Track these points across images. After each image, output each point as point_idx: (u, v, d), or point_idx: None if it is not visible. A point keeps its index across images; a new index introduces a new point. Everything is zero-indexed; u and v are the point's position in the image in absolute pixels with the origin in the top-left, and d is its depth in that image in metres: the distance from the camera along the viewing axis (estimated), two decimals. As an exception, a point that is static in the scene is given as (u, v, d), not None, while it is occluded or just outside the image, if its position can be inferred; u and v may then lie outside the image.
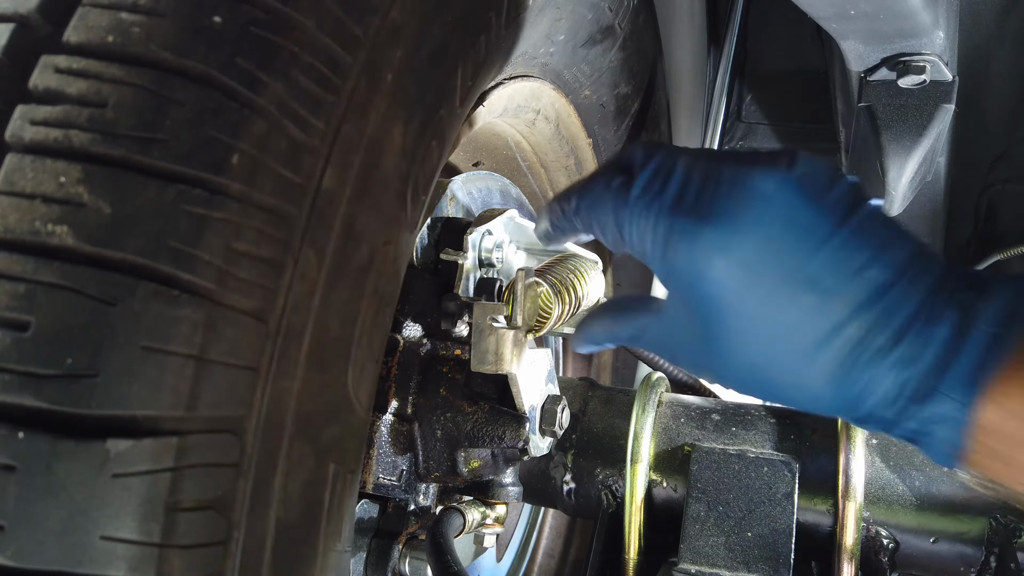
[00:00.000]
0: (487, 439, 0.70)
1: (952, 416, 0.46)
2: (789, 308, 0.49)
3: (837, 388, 0.49)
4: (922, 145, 0.99)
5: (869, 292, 0.47)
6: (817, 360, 0.48)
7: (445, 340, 0.73)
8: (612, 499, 0.84)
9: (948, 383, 0.46)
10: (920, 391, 0.47)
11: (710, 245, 0.49)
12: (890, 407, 0.48)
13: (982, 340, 0.45)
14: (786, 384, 0.51)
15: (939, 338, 0.46)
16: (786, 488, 0.74)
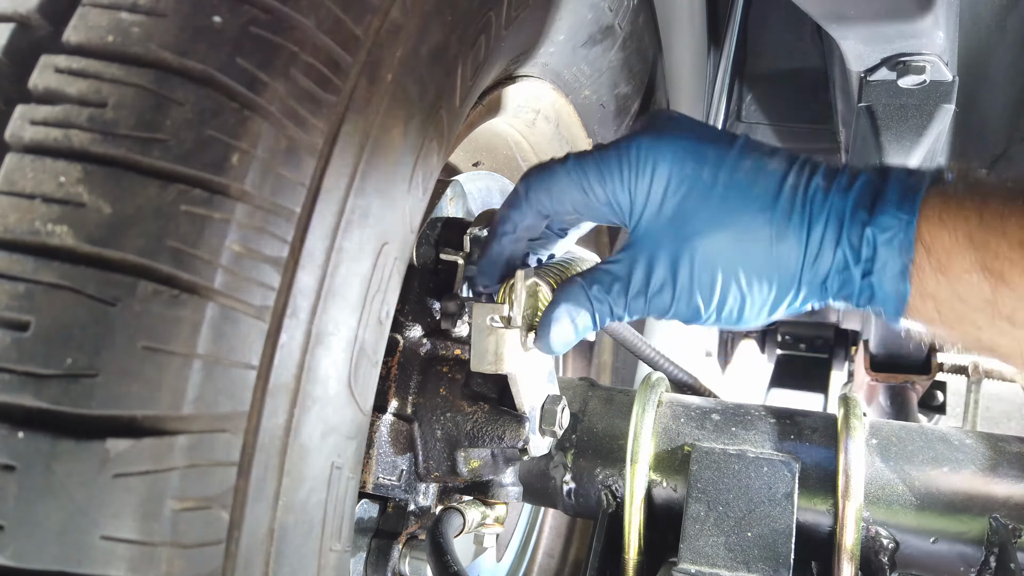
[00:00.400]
0: (487, 439, 0.70)
1: (898, 227, 0.54)
2: (737, 172, 0.59)
3: (800, 232, 0.57)
4: (922, 145, 0.99)
5: (787, 158, 0.59)
6: (777, 209, 0.58)
7: (445, 340, 0.73)
8: (612, 499, 0.84)
9: (887, 202, 0.55)
10: (864, 212, 0.55)
11: (653, 141, 0.61)
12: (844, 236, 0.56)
13: (902, 175, 0.56)
14: (758, 255, 0.59)
15: (864, 176, 0.57)
16: (786, 488, 0.74)
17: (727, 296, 0.60)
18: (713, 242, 0.59)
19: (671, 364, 0.97)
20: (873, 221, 0.55)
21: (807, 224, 0.57)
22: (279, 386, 0.44)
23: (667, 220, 0.60)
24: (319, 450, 0.48)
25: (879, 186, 0.56)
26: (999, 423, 3.46)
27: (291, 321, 0.44)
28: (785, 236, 0.58)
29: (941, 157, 1.09)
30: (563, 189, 0.64)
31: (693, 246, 0.59)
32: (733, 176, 0.59)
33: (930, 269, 0.54)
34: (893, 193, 0.55)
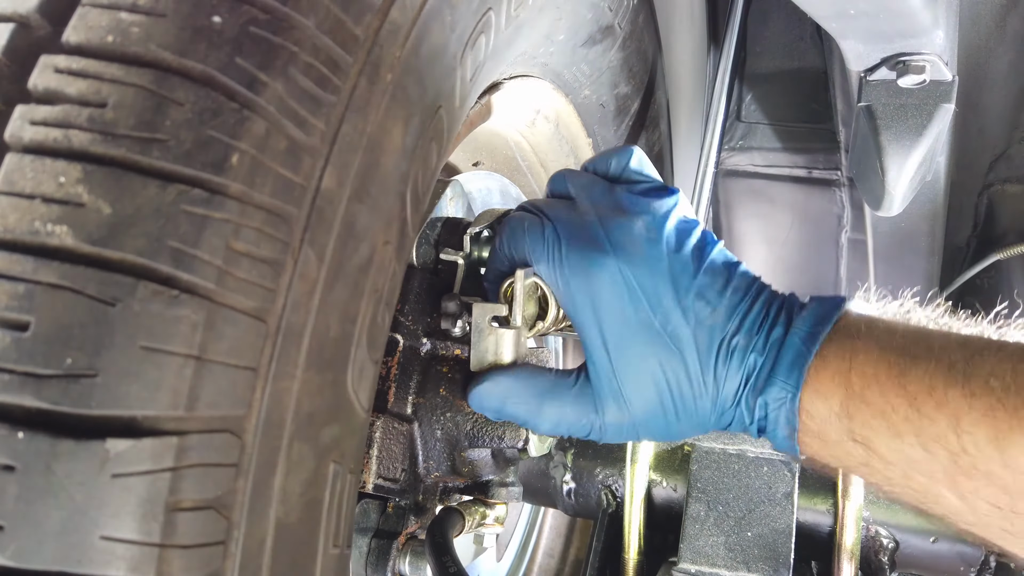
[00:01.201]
0: (487, 439, 0.70)
1: (785, 398, 0.57)
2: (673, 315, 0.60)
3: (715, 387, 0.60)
4: (922, 145, 0.99)
5: (734, 303, 0.61)
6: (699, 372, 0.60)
7: (445, 340, 0.73)
8: (612, 499, 0.84)
9: (777, 373, 0.58)
10: (762, 377, 0.59)
11: (614, 270, 0.61)
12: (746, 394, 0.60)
13: (803, 333, 0.58)
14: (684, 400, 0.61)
15: (776, 334, 0.59)
16: (786, 488, 0.74)
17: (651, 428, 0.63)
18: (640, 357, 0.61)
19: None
20: (765, 391, 0.58)
21: (720, 385, 0.60)
22: (279, 386, 0.44)
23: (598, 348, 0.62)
24: (319, 450, 0.48)
25: (779, 349, 0.59)
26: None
27: (290, 321, 0.44)
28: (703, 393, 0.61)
29: (941, 157, 1.09)
30: (523, 253, 0.66)
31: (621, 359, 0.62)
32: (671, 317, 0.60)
33: (812, 435, 0.58)
34: (785, 361, 0.58)
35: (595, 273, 0.61)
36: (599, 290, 0.61)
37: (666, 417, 0.62)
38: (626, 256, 0.61)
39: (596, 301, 0.61)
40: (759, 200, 1.69)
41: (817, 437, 0.57)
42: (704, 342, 0.60)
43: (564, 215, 0.64)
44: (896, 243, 1.32)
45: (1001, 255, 1.45)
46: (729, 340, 0.60)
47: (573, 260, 0.62)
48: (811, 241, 1.75)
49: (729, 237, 1.79)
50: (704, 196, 1.25)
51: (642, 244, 0.62)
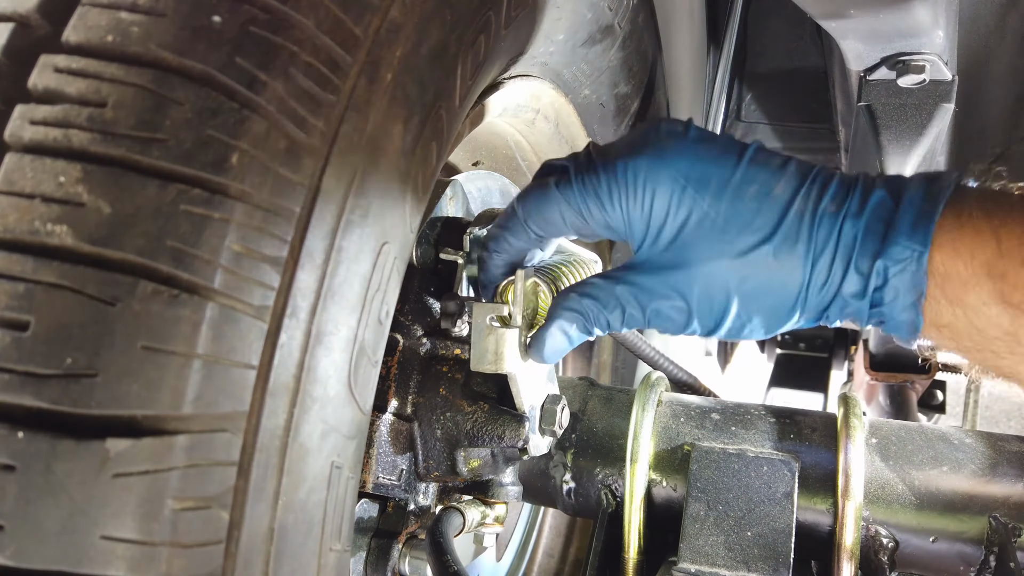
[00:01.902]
0: (487, 438, 0.70)
1: (910, 259, 0.52)
2: (739, 201, 0.56)
3: (803, 260, 0.55)
4: (921, 144, 0.99)
5: (797, 177, 0.56)
6: (780, 237, 0.55)
7: (445, 340, 0.73)
8: (612, 498, 0.84)
9: (899, 228, 0.52)
10: (874, 242, 0.53)
11: (651, 166, 0.58)
12: (853, 265, 0.54)
13: (917, 197, 0.53)
14: (759, 280, 0.57)
15: (876, 198, 0.54)
16: (786, 487, 0.74)
17: (724, 319, 0.59)
18: (712, 272, 0.57)
19: (671, 364, 0.97)
20: (884, 252, 0.53)
21: (811, 254, 0.55)
22: (279, 386, 0.44)
23: (665, 246, 0.59)
24: (319, 450, 0.48)
25: (891, 211, 0.54)
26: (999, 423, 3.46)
27: (291, 321, 0.44)
28: (788, 267, 0.56)
29: (941, 157, 1.09)
30: (559, 214, 0.62)
31: (692, 275, 0.58)
32: (735, 206, 0.56)
33: (945, 300, 0.52)
34: (906, 220, 0.53)
35: (629, 178, 0.58)
36: (637, 194, 0.58)
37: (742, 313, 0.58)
38: (658, 151, 0.57)
39: (634, 205, 0.58)
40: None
41: (951, 303, 0.51)
42: (773, 215, 0.55)
43: (581, 157, 0.62)
44: (896, 243, 1.32)
45: (1001, 255, 1.45)
46: (813, 208, 0.55)
47: (606, 174, 0.59)
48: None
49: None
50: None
51: (671, 138, 0.58)
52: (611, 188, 0.59)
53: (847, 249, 0.54)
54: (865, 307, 0.55)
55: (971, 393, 1.84)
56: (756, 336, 0.60)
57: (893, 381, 1.77)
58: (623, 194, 0.59)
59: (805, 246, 0.55)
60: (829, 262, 0.55)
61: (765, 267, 0.56)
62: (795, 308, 0.57)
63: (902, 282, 0.53)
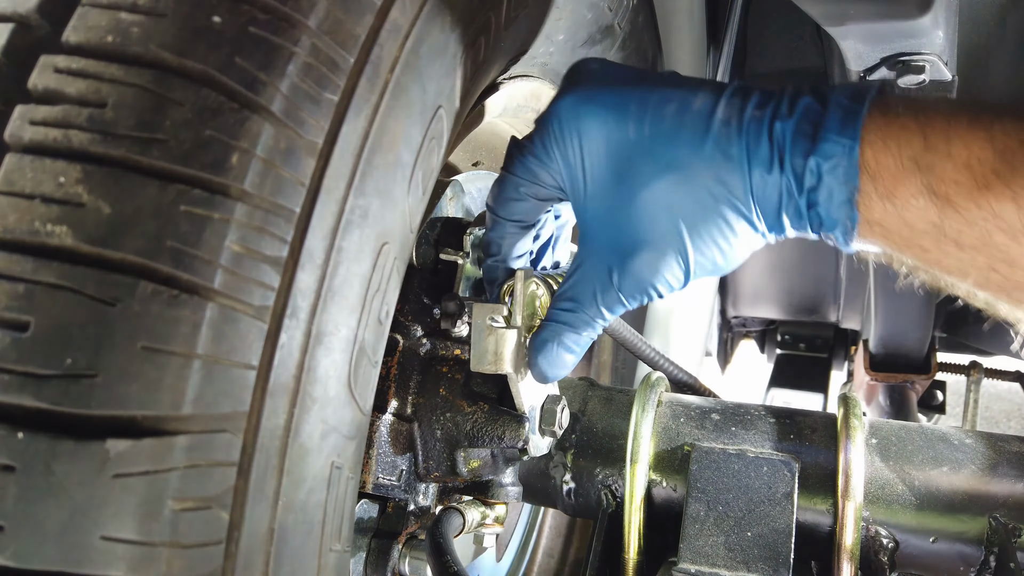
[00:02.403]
0: (487, 439, 0.70)
1: (841, 154, 0.52)
2: (661, 119, 0.57)
3: (741, 165, 0.55)
4: (922, 145, 0.99)
5: (715, 91, 0.57)
6: (711, 145, 0.56)
7: (445, 340, 0.73)
8: (612, 499, 0.84)
9: (829, 126, 0.53)
10: (805, 140, 0.53)
11: (572, 106, 0.59)
12: (787, 162, 0.54)
13: (843, 98, 0.54)
14: (703, 194, 0.57)
15: (803, 101, 0.55)
16: (786, 488, 0.74)
17: (697, 246, 0.58)
18: (657, 199, 0.57)
19: (671, 364, 0.97)
20: (816, 149, 0.53)
21: (746, 158, 0.55)
22: (279, 386, 0.44)
23: (608, 188, 0.59)
24: (319, 450, 0.48)
25: (819, 112, 0.54)
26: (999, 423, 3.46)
27: (291, 321, 0.44)
28: (727, 174, 0.56)
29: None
30: (515, 190, 0.64)
31: (638, 210, 0.58)
32: (658, 126, 0.57)
33: (876, 196, 0.53)
34: (834, 117, 0.53)
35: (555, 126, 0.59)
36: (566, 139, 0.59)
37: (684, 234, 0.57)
38: (576, 91, 0.59)
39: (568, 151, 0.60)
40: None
41: (882, 198, 0.52)
42: (698, 126, 0.56)
43: None
44: (896, 243, 1.32)
45: (1001, 255, 1.45)
46: (739, 115, 0.55)
47: (538, 133, 0.61)
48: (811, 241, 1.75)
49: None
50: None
51: (586, 77, 0.60)
52: (544, 143, 0.60)
53: (779, 149, 0.54)
54: (803, 207, 0.55)
55: (971, 393, 1.84)
56: (737, 258, 0.60)
57: (893, 381, 1.77)
58: (555, 144, 0.60)
59: (738, 150, 0.55)
60: (766, 163, 0.55)
61: (704, 180, 0.56)
62: (748, 215, 0.57)
63: (835, 178, 0.53)
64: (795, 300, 1.94)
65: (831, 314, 1.96)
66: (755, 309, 2.02)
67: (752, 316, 2.13)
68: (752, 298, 1.96)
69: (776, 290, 1.91)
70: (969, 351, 1.92)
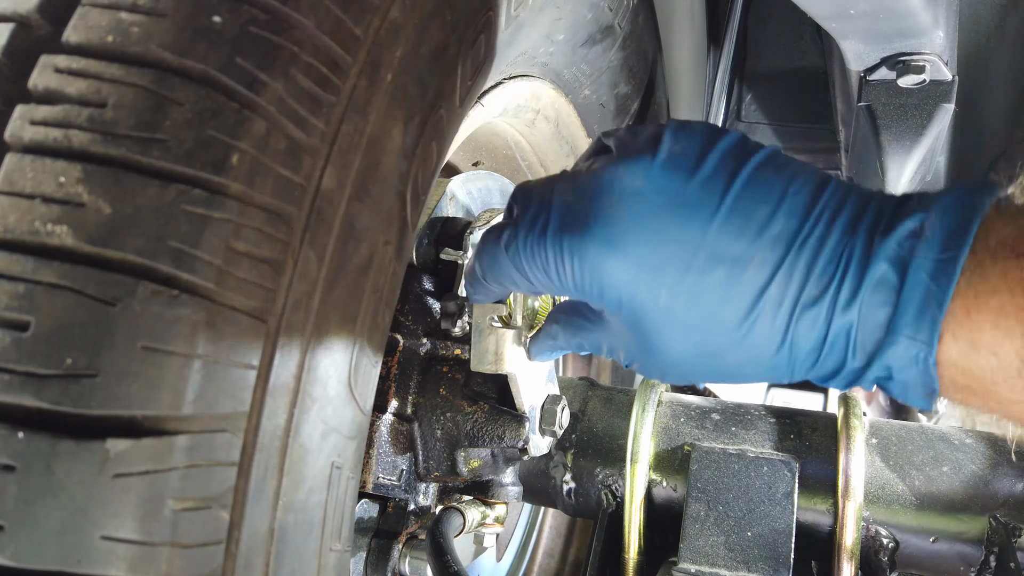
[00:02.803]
0: (487, 439, 0.70)
1: (916, 358, 0.43)
2: (702, 290, 0.47)
3: (786, 352, 0.46)
4: (922, 144, 0.99)
5: (778, 246, 0.45)
6: (752, 331, 0.46)
7: (445, 340, 0.73)
8: (612, 499, 0.84)
9: (902, 320, 0.43)
10: (873, 333, 0.44)
11: (598, 253, 0.49)
12: (850, 356, 0.45)
13: (929, 265, 0.42)
14: (733, 364, 0.49)
15: (878, 272, 0.43)
16: (786, 488, 0.74)
17: (697, 382, 0.54)
18: (676, 361, 0.51)
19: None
20: (882, 351, 0.44)
21: (789, 349, 0.46)
22: (279, 386, 0.44)
23: (625, 326, 0.52)
24: (319, 450, 0.48)
25: (894, 291, 0.43)
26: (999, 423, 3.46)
27: (291, 321, 0.44)
28: (760, 359, 0.48)
29: (941, 157, 1.09)
30: (511, 276, 0.56)
31: (659, 361, 0.52)
32: (696, 301, 0.47)
33: (968, 392, 0.44)
34: (910, 306, 0.42)
35: (576, 265, 0.50)
36: (585, 282, 0.50)
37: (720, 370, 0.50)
38: (608, 232, 0.48)
39: (585, 290, 0.51)
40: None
41: (976, 394, 0.43)
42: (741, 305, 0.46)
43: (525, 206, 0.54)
44: (896, 243, 1.31)
45: (1001, 255, 1.45)
46: (795, 295, 0.45)
47: (552, 251, 0.51)
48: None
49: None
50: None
51: (625, 208, 0.47)
52: (558, 268, 0.52)
53: (838, 346, 0.45)
54: (869, 387, 0.47)
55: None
56: None
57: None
58: (571, 277, 0.51)
59: (779, 340, 0.46)
60: (813, 358, 0.46)
61: (733, 359, 0.49)
62: (778, 380, 0.49)
63: (910, 378, 0.44)
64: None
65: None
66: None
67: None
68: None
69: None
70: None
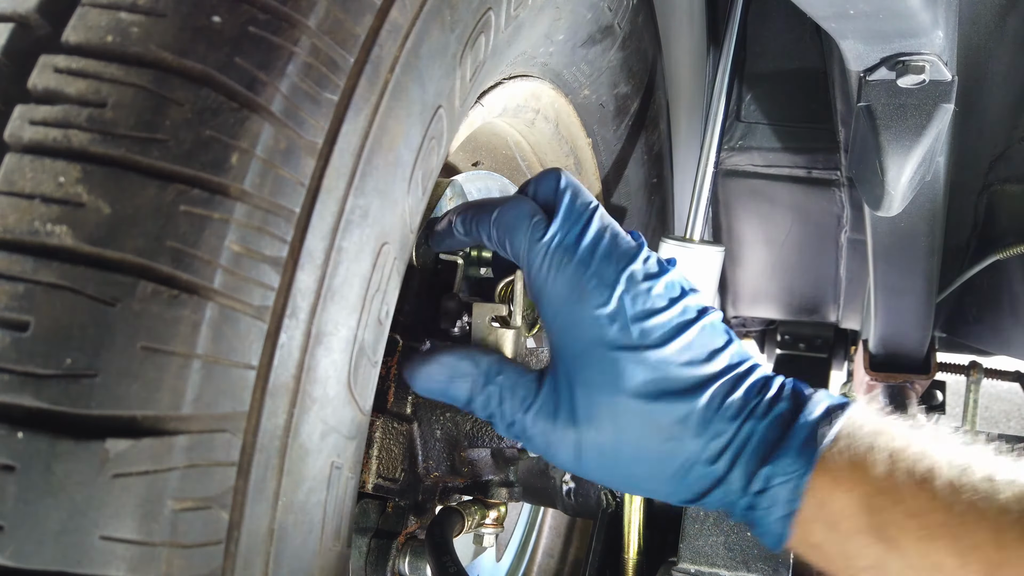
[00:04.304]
0: (487, 439, 0.70)
1: (792, 476, 0.54)
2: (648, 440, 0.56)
3: (699, 442, 0.56)
4: (921, 145, 0.99)
5: (725, 365, 0.58)
6: (679, 422, 0.56)
7: (445, 340, 0.73)
8: (611, 499, 0.84)
9: (789, 446, 0.54)
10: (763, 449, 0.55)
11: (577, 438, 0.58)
12: (741, 461, 0.55)
13: (816, 416, 0.55)
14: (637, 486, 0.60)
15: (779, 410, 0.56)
16: (786, 488, 0.74)
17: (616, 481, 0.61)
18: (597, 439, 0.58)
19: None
20: (772, 461, 0.54)
21: (707, 438, 0.56)
22: (279, 386, 0.44)
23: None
24: (319, 450, 0.48)
25: (788, 423, 0.55)
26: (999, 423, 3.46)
27: (291, 321, 0.44)
28: (680, 442, 0.56)
29: (940, 157, 1.09)
30: (517, 262, 0.63)
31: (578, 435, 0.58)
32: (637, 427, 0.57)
33: (819, 523, 0.54)
34: (798, 436, 0.55)
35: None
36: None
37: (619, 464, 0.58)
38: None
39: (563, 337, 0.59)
40: (759, 200, 1.69)
41: (825, 526, 0.54)
42: (678, 386, 0.56)
43: None
44: (896, 243, 1.32)
45: (1001, 255, 1.45)
46: (723, 397, 0.56)
47: None
48: (811, 241, 1.75)
49: (729, 237, 1.79)
50: (704, 196, 1.25)
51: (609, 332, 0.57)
52: (554, 298, 0.60)
53: (737, 447, 0.56)
54: (743, 504, 0.56)
55: (971, 393, 1.84)
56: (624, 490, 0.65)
57: (893, 381, 1.77)
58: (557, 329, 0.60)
59: (699, 432, 0.56)
60: (719, 448, 0.56)
61: (662, 459, 0.57)
62: (673, 480, 0.57)
63: (781, 494, 0.54)
64: (795, 300, 1.94)
65: (831, 314, 1.97)
66: (755, 309, 2.02)
67: (752, 316, 2.13)
68: (752, 298, 1.96)
69: (776, 290, 1.91)
70: (969, 351, 1.92)
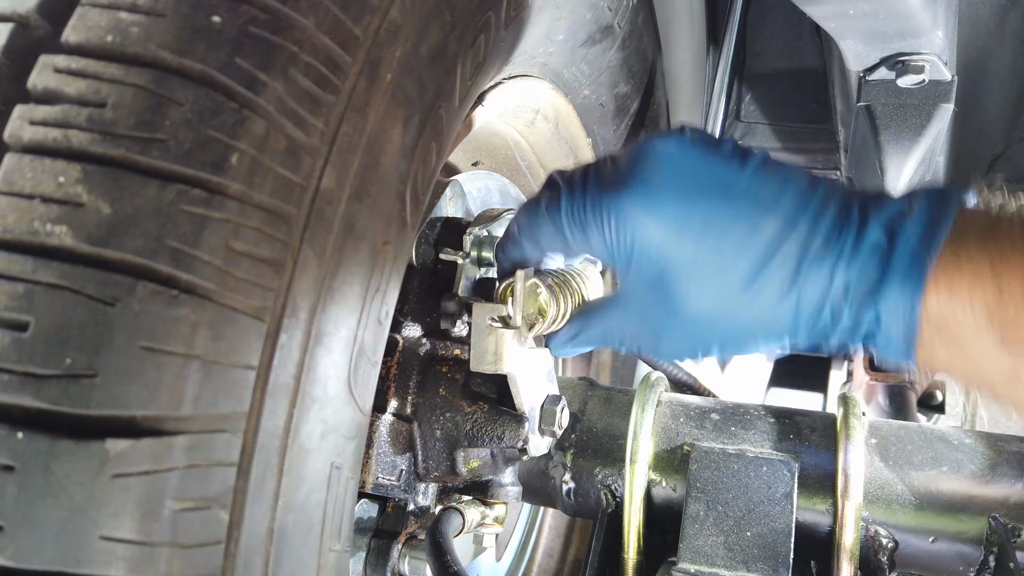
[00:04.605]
0: (486, 439, 0.70)
1: (902, 309, 0.50)
2: (723, 245, 0.54)
3: (792, 307, 0.53)
4: (921, 144, 0.99)
5: (788, 213, 0.53)
6: (764, 282, 0.54)
7: (444, 340, 0.73)
8: (611, 499, 0.84)
9: (893, 274, 0.50)
10: (867, 285, 0.51)
11: (634, 208, 0.56)
12: (847, 311, 0.52)
13: (915, 234, 0.50)
14: (742, 326, 0.57)
15: (872, 238, 0.51)
16: (785, 488, 0.74)
17: (723, 355, 0.60)
18: (696, 321, 0.58)
19: (670, 364, 0.97)
20: (876, 301, 0.51)
21: (796, 301, 0.54)
22: (278, 386, 0.44)
23: (648, 284, 0.59)
24: (318, 450, 0.48)
25: (886, 253, 0.51)
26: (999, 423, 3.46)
27: (290, 321, 0.44)
28: (771, 311, 0.54)
29: (940, 157, 1.10)
30: (548, 235, 0.63)
31: (677, 320, 0.58)
32: (717, 250, 0.55)
33: (941, 343, 0.50)
34: (899, 265, 0.50)
35: (612, 218, 0.57)
36: (619, 235, 0.57)
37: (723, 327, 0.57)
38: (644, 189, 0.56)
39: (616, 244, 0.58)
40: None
41: (948, 346, 0.50)
42: (755, 258, 0.53)
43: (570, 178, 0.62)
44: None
45: (1000, 255, 1.45)
46: (801, 251, 0.52)
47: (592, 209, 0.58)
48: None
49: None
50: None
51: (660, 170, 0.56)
52: (595, 223, 0.59)
53: (837, 297, 0.52)
54: (858, 343, 0.54)
55: (971, 393, 1.84)
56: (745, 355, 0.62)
57: (892, 381, 1.77)
58: (606, 231, 0.58)
59: (788, 292, 0.53)
60: (817, 309, 0.53)
61: (748, 316, 0.55)
62: (782, 341, 0.56)
63: (895, 328, 0.51)
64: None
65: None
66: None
67: (752, 316, 2.13)
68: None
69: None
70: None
